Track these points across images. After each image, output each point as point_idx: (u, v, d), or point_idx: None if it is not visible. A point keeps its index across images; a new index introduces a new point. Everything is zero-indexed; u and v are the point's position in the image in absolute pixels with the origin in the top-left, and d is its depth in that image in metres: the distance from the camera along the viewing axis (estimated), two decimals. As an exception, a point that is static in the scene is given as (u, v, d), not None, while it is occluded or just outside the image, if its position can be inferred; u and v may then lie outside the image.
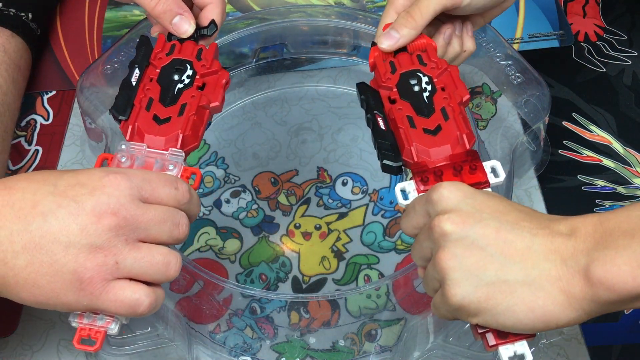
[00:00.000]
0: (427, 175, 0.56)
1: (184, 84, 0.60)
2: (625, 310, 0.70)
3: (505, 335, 0.51)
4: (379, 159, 0.59)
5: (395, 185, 0.58)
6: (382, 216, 0.74)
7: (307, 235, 0.73)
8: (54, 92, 0.84)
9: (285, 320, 0.68)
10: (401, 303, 0.69)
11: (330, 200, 0.75)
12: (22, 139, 0.80)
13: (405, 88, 0.61)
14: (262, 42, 0.83)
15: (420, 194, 0.56)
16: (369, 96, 0.62)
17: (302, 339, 0.67)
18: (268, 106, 0.82)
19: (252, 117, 0.81)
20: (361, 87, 0.63)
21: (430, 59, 0.63)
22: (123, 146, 0.57)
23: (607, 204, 0.76)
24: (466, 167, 0.57)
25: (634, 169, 0.78)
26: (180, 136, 0.57)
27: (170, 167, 0.56)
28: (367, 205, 0.75)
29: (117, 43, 0.76)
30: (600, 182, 0.77)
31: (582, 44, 0.87)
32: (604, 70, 0.85)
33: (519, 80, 0.75)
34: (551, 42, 0.87)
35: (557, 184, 0.77)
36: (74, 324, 0.53)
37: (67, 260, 0.50)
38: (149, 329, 0.64)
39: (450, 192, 0.52)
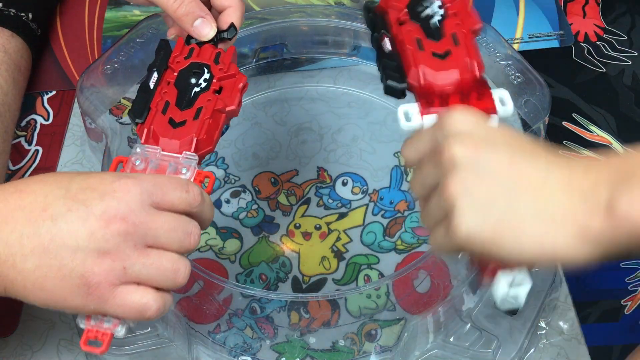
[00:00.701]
0: (433, 98, 0.55)
1: (201, 88, 0.60)
2: (625, 310, 0.70)
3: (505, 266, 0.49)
4: (381, 80, 0.57)
5: (401, 120, 0.55)
6: (382, 216, 0.74)
7: (307, 235, 0.73)
8: (54, 92, 0.84)
9: (285, 320, 0.68)
10: (401, 303, 0.69)
11: (330, 200, 0.75)
12: (22, 139, 0.80)
13: (416, 10, 0.60)
14: (262, 42, 0.83)
15: (425, 119, 0.54)
16: (376, 15, 0.60)
17: (302, 339, 0.67)
18: (268, 106, 0.82)
19: (252, 117, 0.81)
20: (369, 6, 0.61)
21: None
22: (138, 149, 0.57)
23: (607, 204, 0.75)
24: (473, 93, 0.55)
25: (634, 169, 0.78)
26: (195, 140, 0.57)
27: (184, 171, 0.56)
28: (367, 205, 0.75)
29: (117, 43, 0.76)
30: (600, 182, 0.77)
31: (582, 44, 0.87)
32: (604, 70, 0.85)
33: (518, 80, 0.75)
34: (551, 42, 0.87)
35: (557, 184, 0.77)
36: (81, 325, 0.53)
37: (75, 265, 0.50)
38: (149, 329, 0.64)
39: (463, 116, 0.49)
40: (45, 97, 0.84)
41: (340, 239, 0.73)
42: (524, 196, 0.46)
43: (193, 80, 0.60)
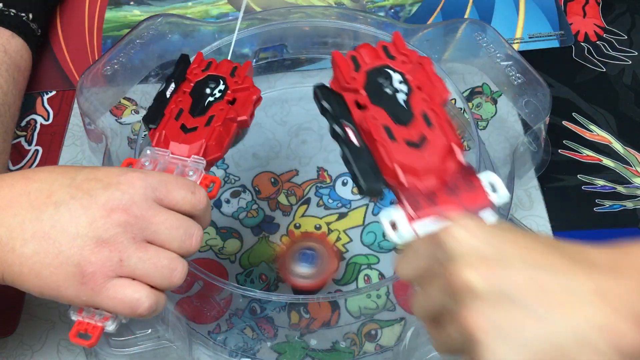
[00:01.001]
0: (418, 200, 0.48)
1: (215, 98, 0.61)
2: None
3: None
4: (354, 182, 0.51)
5: (378, 213, 0.50)
6: (382, 216, 0.74)
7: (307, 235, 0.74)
8: (54, 92, 0.84)
9: (285, 320, 0.68)
10: (401, 303, 0.69)
11: (330, 200, 0.75)
12: (22, 139, 0.80)
13: (375, 90, 0.52)
14: (263, 43, 0.82)
15: (418, 227, 0.47)
16: (332, 102, 0.53)
17: (302, 339, 0.67)
18: (268, 106, 0.82)
19: (252, 117, 0.81)
20: (321, 91, 0.54)
21: (399, 50, 0.55)
22: (148, 151, 0.58)
23: (607, 203, 0.76)
24: (461, 185, 0.48)
25: (634, 168, 0.78)
26: (204, 145, 0.58)
27: (190, 173, 0.56)
28: (367, 205, 0.75)
29: (117, 44, 0.76)
30: (600, 182, 0.77)
31: (582, 43, 0.87)
32: (604, 70, 0.85)
33: (519, 80, 0.75)
34: (551, 42, 0.87)
35: (557, 184, 0.77)
36: (72, 317, 0.53)
37: (72, 252, 0.50)
38: (150, 330, 0.64)
39: (465, 232, 0.43)
40: (45, 97, 0.84)
41: (340, 239, 0.73)
42: (552, 315, 0.40)
43: (208, 90, 0.61)
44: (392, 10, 0.89)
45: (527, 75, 0.75)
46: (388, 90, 0.52)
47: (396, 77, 0.53)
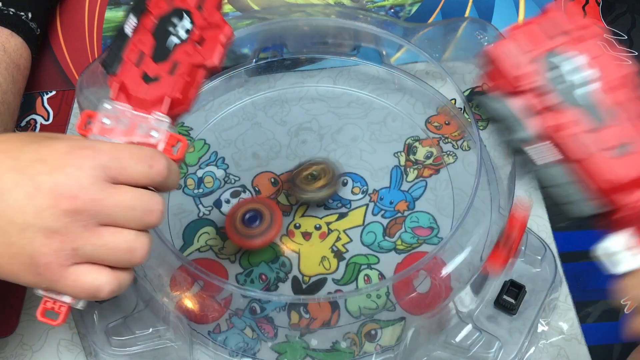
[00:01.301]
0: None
1: (180, 39, 0.54)
2: (625, 310, 0.70)
3: None
4: (566, 213, 0.42)
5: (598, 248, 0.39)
6: (382, 216, 0.74)
7: (307, 235, 0.73)
8: (54, 92, 0.84)
9: (285, 320, 0.68)
10: (401, 303, 0.69)
11: (330, 200, 0.75)
12: (22, 139, 0.80)
13: (556, 85, 0.41)
14: (262, 42, 0.82)
15: None
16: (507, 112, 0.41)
17: (303, 339, 0.67)
18: (268, 106, 0.82)
19: (252, 117, 0.81)
20: (483, 99, 0.42)
21: (574, 20, 0.42)
22: (107, 105, 0.53)
23: (607, 203, 0.76)
24: None
25: (634, 168, 0.78)
26: (168, 100, 0.53)
27: (153, 134, 0.52)
28: (367, 205, 0.75)
29: (117, 43, 0.76)
30: (600, 182, 0.77)
31: (582, 43, 0.87)
32: (604, 70, 0.85)
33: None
34: (551, 42, 0.87)
35: (557, 184, 0.77)
36: (37, 293, 0.51)
37: (24, 244, 0.48)
38: (150, 330, 0.64)
39: None
40: (45, 97, 0.84)
41: (340, 239, 0.73)
42: None
43: (172, 29, 0.54)
44: (392, 10, 0.89)
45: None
46: (574, 79, 0.40)
47: (577, 62, 0.41)
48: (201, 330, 0.68)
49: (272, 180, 0.77)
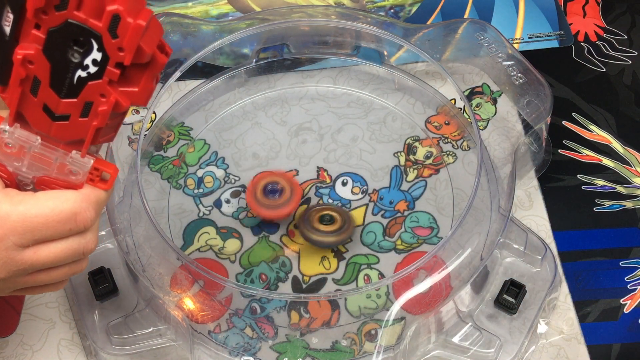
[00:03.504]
0: None
1: (88, 73, 0.42)
2: (624, 309, 0.70)
3: None
4: None
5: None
6: (382, 216, 0.74)
7: (307, 235, 0.73)
8: None
9: (285, 320, 0.68)
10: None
11: (330, 200, 0.75)
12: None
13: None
14: (263, 43, 0.83)
15: None
16: None
17: (303, 338, 0.67)
18: (268, 106, 0.82)
19: (252, 117, 0.81)
20: None
21: None
22: (7, 130, 0.45)
23: (607, 203, 0.76)
24: None
25: (633, 168, 0.78)
26: (88, 144, 0.45)
27: (74, 173, 0.47)
28: (367, 205, 0.75)
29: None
30: (600, 182, 0.77)
31: (582, 43, 0.87)
32: (604, 70, 0.85)
33: (520, 81, 0.75)
34: (551, 42, 0.87)
35: (556, 184, 0.77)
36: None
37: None
38: (151, 329, 0.64)
39: None
40: None
41: (341, 239, 0.73)
42: None
43: (71, 56, 0.41)
44: (392, 11, 0.89)
45: (529, 75, 0.75)
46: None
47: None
48: (201, 330, 0.68)
49: (272, 180, 0.77)
